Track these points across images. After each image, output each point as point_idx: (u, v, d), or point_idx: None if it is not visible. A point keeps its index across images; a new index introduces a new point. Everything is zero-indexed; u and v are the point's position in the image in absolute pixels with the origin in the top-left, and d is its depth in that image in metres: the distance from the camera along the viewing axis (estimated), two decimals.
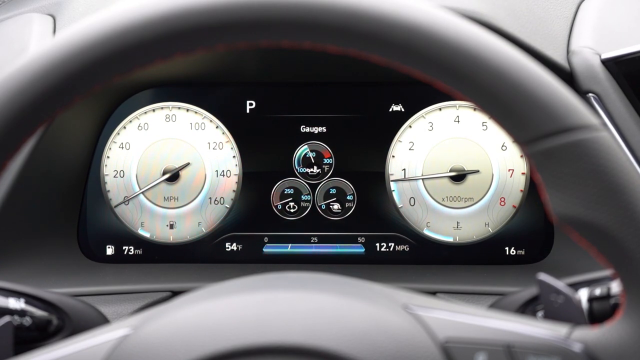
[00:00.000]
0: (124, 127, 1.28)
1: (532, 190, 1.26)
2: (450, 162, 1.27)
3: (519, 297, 0.85)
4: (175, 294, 1.15)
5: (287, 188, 1.29)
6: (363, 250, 1.29)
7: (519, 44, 1.11)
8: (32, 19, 1.24)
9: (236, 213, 1.29)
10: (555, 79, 0.56)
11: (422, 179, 1.27)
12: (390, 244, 1.28)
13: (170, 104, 1.29)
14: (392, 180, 1.28)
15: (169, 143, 1.29)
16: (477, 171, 1.27)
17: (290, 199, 1.29)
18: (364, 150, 1.28)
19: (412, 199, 1.28)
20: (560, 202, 0.56)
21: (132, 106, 1.29)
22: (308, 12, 0.55)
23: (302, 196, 1.29)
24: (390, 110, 1.28)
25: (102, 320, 0.94)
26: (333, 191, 1.29)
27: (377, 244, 1.28)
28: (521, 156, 1.26)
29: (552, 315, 0.71)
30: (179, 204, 1.29)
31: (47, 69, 0.55)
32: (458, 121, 1.27)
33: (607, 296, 0.74)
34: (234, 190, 1.29)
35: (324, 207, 1.29)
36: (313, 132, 1.29)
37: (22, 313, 0.84)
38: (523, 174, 1.26)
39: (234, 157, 1.28)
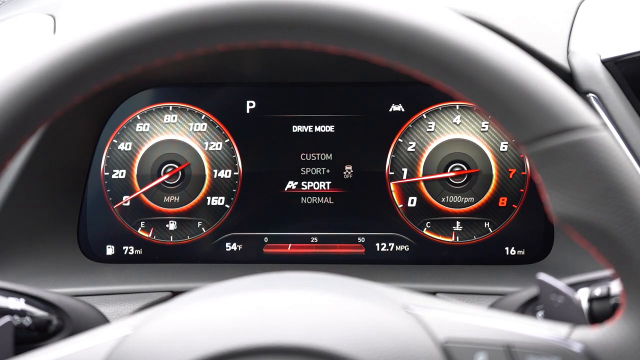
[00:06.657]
0: (124, 127, 1.28)
1: (532, 190, 1.26)
2: (450, 162, 1.27)
3: (519, 297, 0.85)
4: (175, 294, 1.15)
5: (286, 188, 1.29)
6: (363, 250, 1.29)
7: (519, 44, 1.11)
8: (32, 19, 1.24)
9: (236, 213, 1.29)
10: (555, 78, 0.56)
11: (422, 179, 1.27)
12: (390, 244, 1.28)
13: (170, 104, 1.29)
14: (392, 181, 1.27)
15: (169, 143, 1.29)
16: (477, 171, 1.27)
17: (290, 198, 1.29)
18: (364, 150, 1.28)
19: (412, 199, 1.28)
20: (560, 202, 0.56)
21: (132, 106, 1.28)
22: (308, 12, 0.55)
23: (302, 196, 1.29)
24: (390, 110, 1.28)
25: (102, 320, 0.94)
26: (333, 191, 1.29)
27: (377, 244, 1.28)
28: (521, 156, 1.26)
29: (552, 315, 0.71)
30: (179, 204, 1.29)
31: (47, 69, 0.55)
32: (458, 121, 1.27)
33: (607, 296, 0.74)
34: (234, 190, 1.29)
35: (323, 207, 1.29)
36: (313, 132, 1.29)
37: (22, 313, 0.84)
38: (523, 174, 1.26)
39: (234, 157, 1.28)
